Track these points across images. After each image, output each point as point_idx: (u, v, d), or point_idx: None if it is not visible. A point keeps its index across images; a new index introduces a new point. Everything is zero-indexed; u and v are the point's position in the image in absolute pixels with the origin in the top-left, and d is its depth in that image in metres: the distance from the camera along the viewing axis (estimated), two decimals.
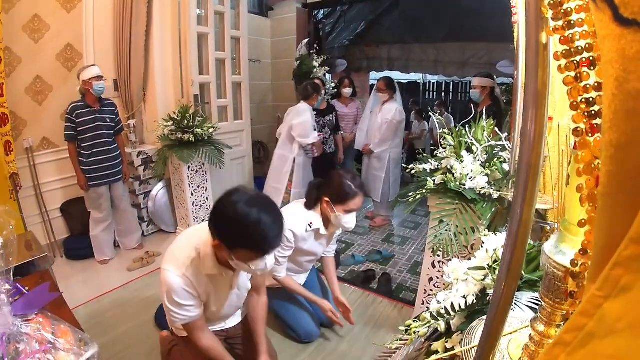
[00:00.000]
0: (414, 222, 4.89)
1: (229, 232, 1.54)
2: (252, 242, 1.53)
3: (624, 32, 0.34)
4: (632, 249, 0.32)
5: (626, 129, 0.35)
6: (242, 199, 1.52)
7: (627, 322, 0.33)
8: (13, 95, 3.33)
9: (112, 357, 2.45)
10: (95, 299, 3.14)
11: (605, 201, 0.40)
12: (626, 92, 0.34)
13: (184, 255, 1.71)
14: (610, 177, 0.38)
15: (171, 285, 1.65)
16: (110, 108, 3.56)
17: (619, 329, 0.34)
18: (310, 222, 2.38)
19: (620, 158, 0.36)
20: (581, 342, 0.37)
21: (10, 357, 1.02)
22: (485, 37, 4.73)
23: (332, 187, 2.31)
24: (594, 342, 0.36)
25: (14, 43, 3.40)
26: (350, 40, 6.17)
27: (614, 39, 0.36)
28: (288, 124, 4.15)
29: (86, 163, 3.43)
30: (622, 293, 0.33)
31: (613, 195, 0.39)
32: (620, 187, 0.37)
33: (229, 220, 1.52)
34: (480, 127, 2.26)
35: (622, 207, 0.37)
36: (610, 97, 0.37)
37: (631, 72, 0.34)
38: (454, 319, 1.20)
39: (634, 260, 0.32)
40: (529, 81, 0.50)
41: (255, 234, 1.50)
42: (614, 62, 0.36)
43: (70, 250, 3.90)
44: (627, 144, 0.35)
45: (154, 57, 4.19)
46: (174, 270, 1.67)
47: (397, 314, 2.93)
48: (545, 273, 0.71)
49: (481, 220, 2.03)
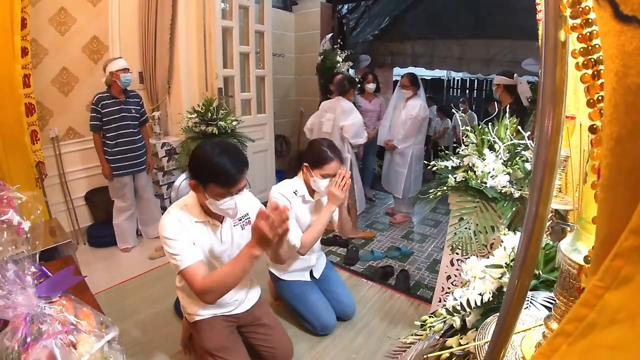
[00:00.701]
0: (434, 219, 4.86)
1: (198, 169, 1.86)
2: (215, 176, 1.81)
3: (624, 29, 0.35)
4: (632, 240, 0.33)
5: (626, 122, 0.35)
6: (208, 144, 1.89)
7: (628, 312, 0.34)
8: (39, 86, 3.42)
9: (130, 342, 2.51)
10: (116, 285, 3.22)
11: (605, 193, 0.41)
12: (626, 87, 0.35)
13: (175, 205, 1.99)
14: (611, 170, 0.39)
15: (164, 224, 1.87)
16: (135, 99, 3.63)
17: (619, 320, 0.34)
18: (295, 189, 2.54)
19: (621, 151, 0.37)
20: (582, 332, 0.38)
21: (33, 336, 1.06)
22: (511, 34, 4.66)
23: (311, 153, 2.52)
24: (595, 332, 0.37)
25: (41, 35, 3.48)
26: (374, 36, 6.15)
27: (614, 35, 0.37)
28: (332, 123, 3.99)
29: (111, 153, 3.51)
30: (623, 284, 0.34)
31: (613, 187, 0.39)
32: (620, 180, 0.37)
33: (197, 159, 1.86)
34: (503, 125, 2.23)
35: (622, 199, 0.38)
36: (610, 91, 0.38)
37: (630, 67, 0.34)
38: (469, 316, 1.20)
39: (634, 251, 0.33)
40: (546, 78, 0.50)
41: (218, 168, 1.80)
42: (614, 58, 0.37)
43: (93, 237, 4.00)
44: (627, 137, 0.36)
45: (179, 50, 4.24)
46: (167, 214, 1.92)
47: (413, 310, 2.93)
48: (561, 271, 0.71)
49: (501, 219, 2.01)
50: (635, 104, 0.34)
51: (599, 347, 0.36)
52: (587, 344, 0.38)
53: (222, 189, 1.83)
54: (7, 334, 1.07)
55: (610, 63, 0.38)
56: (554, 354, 0.42)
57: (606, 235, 0.41)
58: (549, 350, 0.42)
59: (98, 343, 1.13)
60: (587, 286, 0.38)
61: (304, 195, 2.55)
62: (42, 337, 1.07)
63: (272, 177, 5.17)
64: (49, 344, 1.05)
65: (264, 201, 2.28)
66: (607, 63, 0.39)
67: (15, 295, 1.07)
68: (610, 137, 0.38)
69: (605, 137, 0.39)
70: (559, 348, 0.41)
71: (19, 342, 1.04)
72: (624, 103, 0.36)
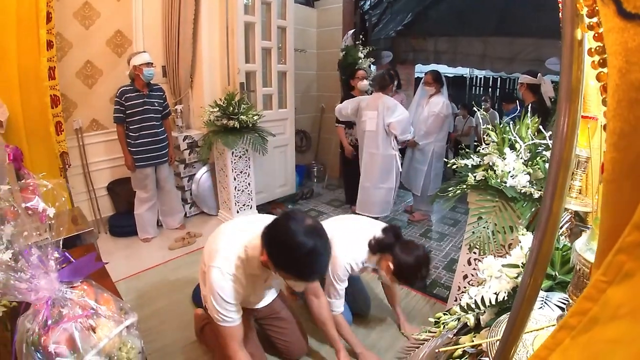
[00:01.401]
0: (453, 219, 4.82)
1: (281, 257, 1.64)
2: (299, 272, 1.64)
3: (627, 26, 0.35)
4: (634, 235, 0.33)
5: (629, 118, 0.35)
6: (299, 229, 1.58)
7: (630, 308, 0.34)
8: (64, 78, 3.51)
9: (148, 330, 2.56)
10: (136, 274, 3.29)
11: (609, 187, 0.41)
12: (629, 83, 0.35)
13: (233, 254, 1.80)
14: (614, 164, 0.39)
15: (222, 285, 1.74)
16: (158, 93, 3.69)
17: (621, 315, 0.34)
18: (367, 265, 2.38)
19: (624, 145, 0.37)
20: (585, 326, 0.38)
21: (54, 319, 1.09)
22: (535, 33, 4.56)
23: (401, 260, 2.20)
24: (598, 326, 0.37)
25: (66, 29, 3.56)
26: (396, 32, 6.09)
27: (618, 32, 0.37)
28: (375, 121, 3.89)
29: (134, 145, 3.58)
30: (625, 279, 0.34)
31: (617, 181, 0.39)
32: (624, 174, 0.37)
33: (283, 246, 1.61)
34: (524, 124, 2.20)
35: (625, 193, 0.38)
36: (613, 87, 0.38)
37: (633, 64, 0.34)
38: (483, 315, 1.19)
39: (637, 246, 0.33)
40: (563, 76, 0.50)
41: (304, 266, 1.61)
42: (617, 54, 0.37)
43: (114, 227, 4.09)
44: (630, 132, 0.36)
45: (202, 45, 4.29)
46: (225, 270, 1.76)
47: (429, 309, 2.92)
48: (575, 271, 0.71)
49: (520, 219, 1.99)
50: (638, 99, 0.34)
51: (600, 341, 0.37)
52: (589, 338, 0.38)
53: (298, 280, 1.73)
54: (29, 316, 1.11)
55: (613, 59, 0.38)
56: (557, 347, 0.42)
57: (609, 229, 0.41)
58: (553, 343, 0.43)
59: (117, 328, 1.16)
60: (591, 280, 0.38)
61: (368, 267, 2.41)
62: (62, 320, 1.10)
63: (292, 172, 5.20)
64: (69, 327, 1.08)
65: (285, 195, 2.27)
66: (610, 59, 0.39)
67: (38, 279, 1.10)
68: (613, 132, 0.38)
69: (609, 132, 0.39)
70: (562, 341, 0.41)
71: (39, 324, 1.08)
72: (627, 99, 0.36)
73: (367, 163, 3.99)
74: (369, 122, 3.93)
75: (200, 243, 3.91)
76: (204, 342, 2.45)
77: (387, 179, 3.99)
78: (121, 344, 1.16)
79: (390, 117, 3.80)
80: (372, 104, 3.93)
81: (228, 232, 1.96)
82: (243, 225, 1.98)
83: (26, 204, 1.39)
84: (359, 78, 4.60)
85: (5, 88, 2.82)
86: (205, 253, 2.00)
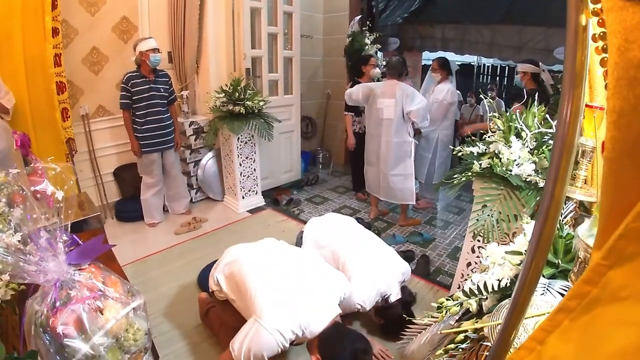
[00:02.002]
0: (458, 207, 4.81)
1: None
2: None
3: (626, 4, 0.36)
4: (638, 222, 0.33)
5: (628, 96, 0.36)
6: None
7: (632, 289, 0.34)
8: (70, 65, 3.51)
9: (154, 314, 2.60)
10: (142, 258, 3.33)
11: (609, 166, 0.41)
12: (627, 61, 0.35)
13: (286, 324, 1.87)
14: (614, 142, 0.39)
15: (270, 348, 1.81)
16: (164, 79, 3.70)
17: (624, 296, 0.35)
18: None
19: (624, 124, 0.37)
20: (585, 308, 0.38)
21: (62, 301, 1.11)
22: (544, 22, 4.50)
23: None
24: (598, 308, 0.37)
25: (72, 16, 3.56)
26: (403, 18, 6.02)
27: (617, 11, 0.37)
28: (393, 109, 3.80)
29: (140, 130, 3.59)
30: (627, 262, 0.34)
31: (617, 160, 0.39)
32: (624, 153, 0.38)
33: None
34: (531, 112, 2.19)
35: (626, 171, 0.38)
36: (613, 66, 0.38)
37: (632, 42, 0.34)
38: (486, 300, 1.20)
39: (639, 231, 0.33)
40: (567, 62, 0.50)
41: None
42: (616, 33, 0.37)
43: (121, 212, 4.13)
44: (630, 111, 0.36)
45: (207, 31, 4.27)
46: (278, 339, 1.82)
47: (432, 295, 2.94)
48: (577, 257, 0.71)
49: (525, 208, 1.99)
50: (637, 78, 0.35)
51: (603, 322, 0.37)
52: (590, 319, 0.38)
53: None
54: (37, 298, 1.13)
55: (613, 38, 0.38)
56: (556, 329, 0.42)
57: (610, 208, 0.41)
58: (550, 325, 0.43)
59: (124, 309, 1.18)
60: (590, 264, 0.39)
61: None
62: (70, 301, 1.11)
63: (297, 157, 5.21)
64: (77, 309, 1.10)
65: (290, 181, 2.30)
66: (610, 38, 0.39)
67: (47, 261, 1.12)
68: (613, 110, 0.38)
69: (609, 110, 0.39)
70: (560, 323, 0.42)
71: (48, 306, 1.10)
72: (626, 77, 0.36)
73: (383, 151, 3.96)
74: (386, 110, 3.84)
75: (205, 228, 3.93)
76: (209, 326, 2.47)
77: (403, 166, 3.95)
78: (128, 325, 1.18)
79: (410, 105, 3.72)
80: (388, 91, 3.83)
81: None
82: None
83: (35, 187, 1.41)
84: (372, 65, 4.54)
85: (11, 75, 2.83)
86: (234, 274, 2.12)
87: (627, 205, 0.35)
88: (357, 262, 2.43)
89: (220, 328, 2.34)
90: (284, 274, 2.07)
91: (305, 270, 2.15)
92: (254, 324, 1.81)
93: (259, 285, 1.95)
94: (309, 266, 2.20)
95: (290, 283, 2.00)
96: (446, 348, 1.21)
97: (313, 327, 1.90)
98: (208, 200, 4.68)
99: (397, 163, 3.93)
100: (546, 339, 0.45)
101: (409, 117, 3.75)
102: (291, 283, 2.00)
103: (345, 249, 2.53)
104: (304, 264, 2.21)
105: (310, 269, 2.17)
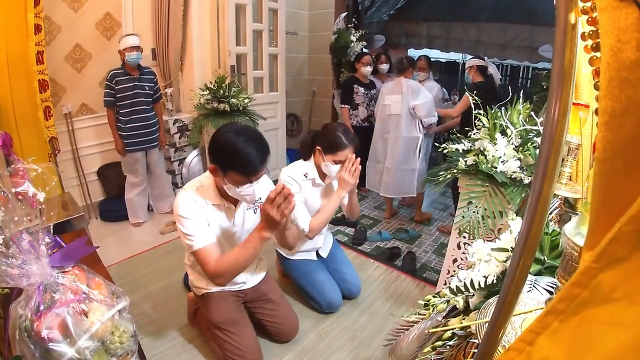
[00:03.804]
0: (443, 203, 4.85)
1: (220, 155, 1.83)
2: (238, 164, 1.80)
3: (620, 5, 0.36)
4: (632, 226, 0.33)
5: (620, 97, 0.36)
6: (232, 129, 1.85)
7: (624, 291, 0.34)
8: (53, 62, 3.44)
9: (140, 314, 2.58)
10: (127, 259, 3.28)
11: (600, 166, 0.42)
12: (620, 62, 0.35)
13: (191, 185, 2.00)
14: (606, 143, 0.39)
15: (179, 202, 1.89)
16: (149, 76, 3.65)
17: (616, 298, 0.35)
18: (306, 172, 2.52)
19: (615, 125, 0.37)
20: (575, 310, 0.38)
21: (46, 305, 1.09)
22: (529, 20, 4.56)
23: (325, 137, 2.47)
24: (589, 309, 0.37)
25: (54, 12, 3.49)
26: (389, 16, 6.03)
27: (611, 11, 0.37)
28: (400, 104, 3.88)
29: (124, 129, 3.54)
30: (619, 263, 0.34)
31: (608, 161, 0.39)
32: (616, 154, 0.38)
33: (220, 145, 1.82)
34: (516, 110, 2.21)
35: (617, 172, 0.38)
36: (605, 66, 0.38)
37: (625, 43, 0.34)
38: (472, 297, 1.21)
39: (631, 236, 0.33)
40: (555, 59, 0.50)
41: (241, 157, 1.78)
42: (609, 33, 0.37)
43: (105, 212, 4.06)
44: (622, 112, 0.36)
45: (192, 27, 4.22)
46: (183, 192, 1.94)
47: (418, 292, 2.95)
48: (564, 254, 0.72)
49: (510, 204, 2.01)
50: (629, 79, 0.35)
51: (593, 323, 0.37)
52: (580, 320, 0.38)
53: (243, 177, 1.83)
54: (21, 302, 1.10)
55: (605, 38, 0.38)
56: (545, 331, 0.43)
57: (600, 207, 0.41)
58: (539, 327, 0.43)
59: (109, 312, 1.16)
60: (580, 267, 0.39)
61: (314, 179, 2.54)
62: (54, 305, 1.09)
63: (283, 155, 5.20)
64: (62, 312, 1.08)
65: (274, 181, 2.30)
66: (603, 38, 0.40)
67: (30, 264, 1.09)
68: (605, 111, 0.38)
69: (601, 111, 0.39)
70: (549, 325, 0.42)
71: (32, 310, 1.07)
72: (618, 78, 0.36)
73: (391, 146, 3.99)
74: (394, 105, 3.91)
75: None
76: (197, 326, 2.46)
77: (410, 161, 3.97)
78: (114, 328, 1.17)
79: (414, 100, 3.80)
80: (394, 88, 3.92)
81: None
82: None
83: (16, 189, 1.38)
84: (364, 63, 4.55)
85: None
86: None
87: (618, 205, 0.35)
88: None
89: (208, 328, 2.33)
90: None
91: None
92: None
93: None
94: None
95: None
96: (434, 345, 1.21)
97: None
98: None
99: (405, 157, 3.97)
100: (535, 340, 0.45)
101: (415, 111, 3.83)
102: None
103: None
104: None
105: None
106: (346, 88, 4.57)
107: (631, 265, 0.34)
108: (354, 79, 4.57)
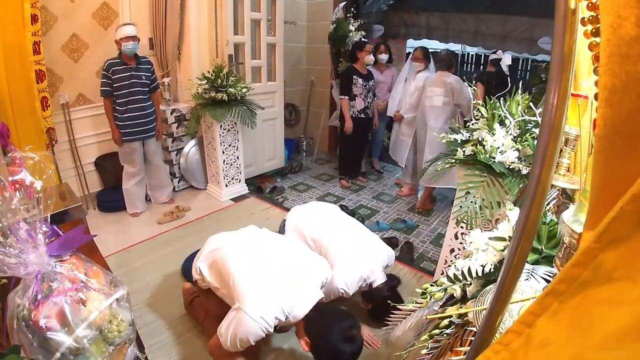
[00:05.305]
0: (441, 194, 4.84)
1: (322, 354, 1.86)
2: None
3: None
4: (634, 205, 0.33)
5: (620, 73, 0.36)
6: (338, 337, 1.81)
7: (626, 270, 0.34)
8: (50, 52, 3.43)
9: (138, 304, 2.59)
10: (125, 249, 3.29)
11: (600, 143, 0.41)
12: (619, 38, 0.35)
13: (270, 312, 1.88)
14: (606, 120, 0.39)
15: (254, 332, 1.82)
16: (147, 66, 3.63)
17: (617, 277, 0.35)
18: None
19: (615, 101, 0.37)
20: (575, 290, 0.38)
21: (44, 294, 1.09)
22: (529, 11, 4.55)
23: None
24: (590, 289, 0.37)
25: (51, 2, 3.46)
26: (388, 6, 5.99)
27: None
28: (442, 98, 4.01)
29: (121, 119, 3.53)
30: (621, 243, 0.34)
31: (608, 137, 0.39)
32: (615, 130, 0.38)
33: (324, 347, 1.84)
34: (515, 100, 2.20)
35: (617, 149, 0.38)
36: (605, 42, 0.38)
37: (624, 19, 0.34)
38: (470, 286, 1.21)
39: (632, 214, 0.33)
40: (555, 45, 0.50)
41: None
42: (609, 10, 0.37)
43: (103, 202, 4.06)
44: (621, 88, 0.36)
45: (190, 16, 4.19)
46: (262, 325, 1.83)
47: (416, 282, 2.97)
48: (562, 242, 0.72)
49: (508, 195, 2.01)
50: (629, 54, 0.35)
51: (594, 303, 0.37)
52: (580, 300, 0.38)
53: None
54: (19, 291, 1.10)
55: (605, 15, 0.38)
56: (544, 312, 0.42)
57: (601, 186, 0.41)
58: (539, 308, 0.43)
59: (107, 300, 1.16)
60: (581, 247, 0.38)
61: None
62: (52, 294, 1.09)
63: (280, 145, 5.19)
64: (59, 301, 1.08)
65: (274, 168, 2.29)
66: (602, 15, 0.39)
67: (27, 253, 1.09)
68: (604, 87, 0.38)
69: (600, 87, 0.39)
70: (549, 306, 0.42)
71: (30, 299, 1.07)
72: (618, 54, 0.36)
73: (429, 137, 4.02)
74: (436, 98, 4.04)
75: (189, 217, 3.90)
76: (193, 316, 2.47)
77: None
78: (111, 316, 1.17)
79: (461, 99, 3.95)
80: (438, 81, 4.05)
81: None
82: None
83: (13, 177, 1.37)
84: (367, 52, 4.56)
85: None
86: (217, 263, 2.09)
87: (618, 183, 0.35)
88: (339, 248, 2.44)
89: (205, 317, 2.33)
90: (265, 260, 2.05)
91: (286, 256, 2.14)
92: (237, 312, 1.81)
93: (241, 273, 1.94)
94: (290, 252, 2.19)
95: (271, 269, 1.99)
96: (431, 333, 1.22)
97: (296, 312, 1.90)
98: (191, 188, 4.63)
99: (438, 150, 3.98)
100: (535, 322, 0.45)
101: (458, 108, 3.99)
102: (272, 269, 2.00)
103: (328, 236, 2.53)
104: (285, 250, 2.20)
105: (291, 255, 2.16)
106: (345, 79, 4.56)
107: (633, 244, 0.34)
108: (352, 69, 4.56)
